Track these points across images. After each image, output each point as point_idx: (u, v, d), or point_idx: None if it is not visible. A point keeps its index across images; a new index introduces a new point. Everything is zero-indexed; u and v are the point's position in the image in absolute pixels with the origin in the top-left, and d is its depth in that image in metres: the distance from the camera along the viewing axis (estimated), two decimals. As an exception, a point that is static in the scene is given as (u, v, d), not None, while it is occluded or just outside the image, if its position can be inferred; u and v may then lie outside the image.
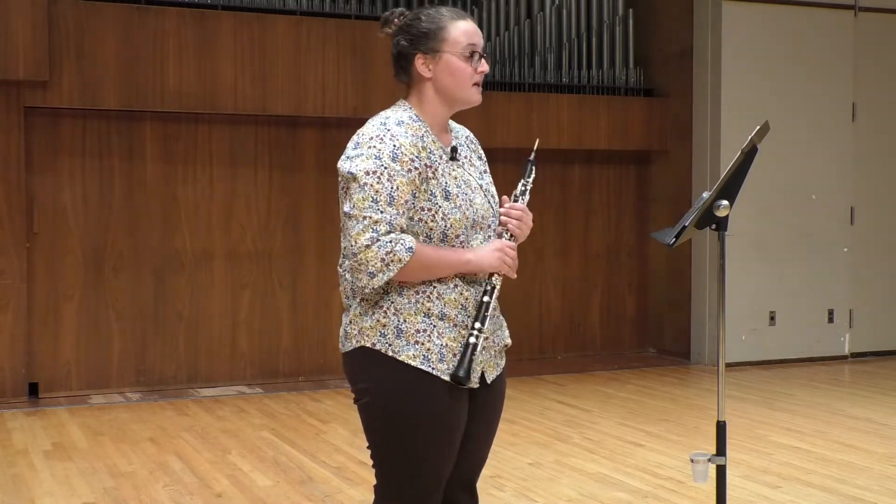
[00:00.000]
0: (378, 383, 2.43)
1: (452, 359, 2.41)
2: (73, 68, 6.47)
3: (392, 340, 2.40)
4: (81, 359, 6.75)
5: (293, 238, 7.28)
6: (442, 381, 2.40)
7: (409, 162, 2.36)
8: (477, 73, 2.48)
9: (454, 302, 2.42)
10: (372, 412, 2.46)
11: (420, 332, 2.40)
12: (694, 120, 8.11)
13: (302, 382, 7.23)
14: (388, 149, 2.36)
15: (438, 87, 2.47)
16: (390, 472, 2.48)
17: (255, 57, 6.88)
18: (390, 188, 2.33)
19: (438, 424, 2.41)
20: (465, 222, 2.43)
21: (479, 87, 2.51)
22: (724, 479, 2.70)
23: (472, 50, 2.46)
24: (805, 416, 6.20)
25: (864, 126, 8.35)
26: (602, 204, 8.50)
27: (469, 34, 2.47)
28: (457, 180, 2.46)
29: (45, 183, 6.67)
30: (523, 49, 8.05)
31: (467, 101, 2.50)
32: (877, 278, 8.47)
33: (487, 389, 2.52)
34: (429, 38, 2.46)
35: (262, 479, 4.77)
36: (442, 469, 2.46)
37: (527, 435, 5.58)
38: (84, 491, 4.55)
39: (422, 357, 2.39)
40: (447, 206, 2.40)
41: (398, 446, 2.44)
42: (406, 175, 2.35)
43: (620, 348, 8.58)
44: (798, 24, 8.07)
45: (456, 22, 2.47)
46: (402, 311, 2.40)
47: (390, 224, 2.32)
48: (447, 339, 2.41)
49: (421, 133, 2.44)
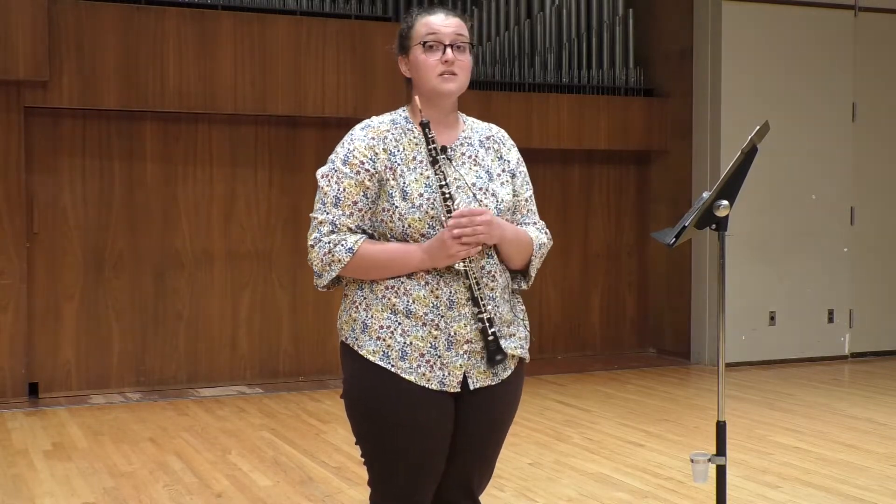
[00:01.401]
0: (349, 378, 2.48)
1: (419, 358, 2.39)
2: (73, 68, 6.47)
3: (358, 335, 2.43)
4: (81, 359, 6.75)
5: (293, 238, 7.28)
6: (403, 379, 2.38)
7: (358, 164, 2.41)
8: (442, 64, 2.43)
9: (423, 299, 2.39)
10: (347, 407, 2.50)
11: (383, 328, 2.40)
12: (694, 120, 8.11)
13: (302, 382, 7.23)
14: (342, 153, 2.45)
15: (416, 85, 2.49)
16: (369, 466, 2.51)
17: (255, 57, 6.88)
18: (337, 190, 2.41)
19: (402, 422, 2.40)
20: (427, 222, 2.39)
21: (448, 76, 2.44)
22: (724, 479, 2.70)
23: (432, 40, 2.43)
24: (805, 416, 6.20)
25: (864, 126, 8.35)
26: (602, 204, 8.50)
27: (430, 25, 2.45)
28: (428, 179, 2.40)
29: (45, 183, 6.67)
30: (523, 49, 8.05)
31: (435, 91, 2.45)
32: (877, 278, 8.47)
33: (475, 396, 2.45)
34: (403, 39, 2.51)
35: (262, 479, 4.77)
36: (416, 467, 2.43)
37: (527, 435, 5.58)
38: (84, 491, 4.55)
39: (381, 353, 2.39)
40: (404, 206, 2.40)
41: (370, 442, 2.47)
42: (354, 177, 2.41)
43: (620, 348, 8.58)
44: (798, 24, 8.07)
45: (423, 17, 2.48)
46: (371, 307, 2.42)
47: (333, 224, 2.40)
48: (412, 338, 2.39)
49: (389, 136, 2.45)
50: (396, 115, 2.52)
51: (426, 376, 2.40)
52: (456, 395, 2.44)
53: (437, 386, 2.40)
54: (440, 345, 2.40)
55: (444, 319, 2.40)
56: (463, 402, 2.45)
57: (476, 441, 2.50)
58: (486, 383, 2.46)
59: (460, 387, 2.43)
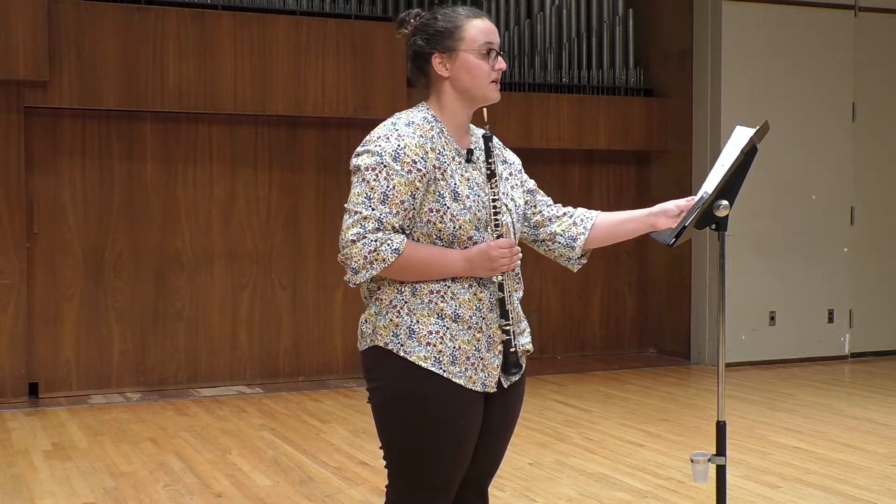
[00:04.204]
0: (389, 383, 2.42)
1: (465, 361, 2.39)
2: (73, 68, 6.47)
3: (404, 341, 2.38)
4: (81, 359, 6.75)
5: (293, 238, 7.28)
6: (454, 383, 2.38)
7: (410, 163, 2.35)
8: (494, 71, 2.47)
9: (468, 303, 2.41)
10: (383, 412, 2.45)
11: (432, 333, 2.38)
12: (694, 120, 8.11)
13: (302, 382, 7.23)
14: (391, 147, 2.36)
15: (456, 86, 2.47)
16: (400, 472, 2.46)
17: (255, 57, 6.88)
18: (386, 186, 2.33)
19: (450, 427, 2.39)
20: (475, 223, 2.40)
21: (497, 85, 2.50)
22: (724, 479, 2.70)
23: (489, 48, 2.46)
24: (805, 416, 6.20)
25: (864, 126, 8.35)
26: (602, 204, 8.48)
27: (486, 32, 2.46)
28: (469, 182, 2.42)
29: (45, 183, 6.67)
30: (523, 49, 8.05)
31: (485, 98, 2.49)
32: (877, 278, 8.47)
33: (503, 394, 2.50)
34: (445, 37, 2.45)
35: (262, 479, 4.77)
36: (452, 472, 2.44)
37: (527, 435, 5.58)
38: (84, 491, 4.55)
39: (433, 359, 2.37)
40: (456, 208, 2.38)
41: (408, 448, 2.42)
42: (405, 175, 2.34)
43: (620, 348, 8.58)
44: (798, 24, 8.07)
45: (472, 20, 2.47)
46: (416, 312, 2.39)
47: (380, 221, 2.32)
48: (461, 342, 2.39)
49: (432, 134, 2.42)
50: (425, 113, 2.47)
51: (472, 379, 2.41)
52: (486, 395, 2.46)
53: (480, 388, 2.43)
54: (482, 347, 2.42)
55: (486, 322, 2.43)
56: (492, 401, 2.48)
57: (498, 437, 2.55)
58: (512, 380, 2.52)
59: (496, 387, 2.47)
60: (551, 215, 2.66)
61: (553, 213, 2.67)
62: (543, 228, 2.65)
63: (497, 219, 2.40)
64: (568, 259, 2.67)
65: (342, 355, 7.36)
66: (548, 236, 2.65)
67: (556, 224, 2.65)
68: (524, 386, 2.60)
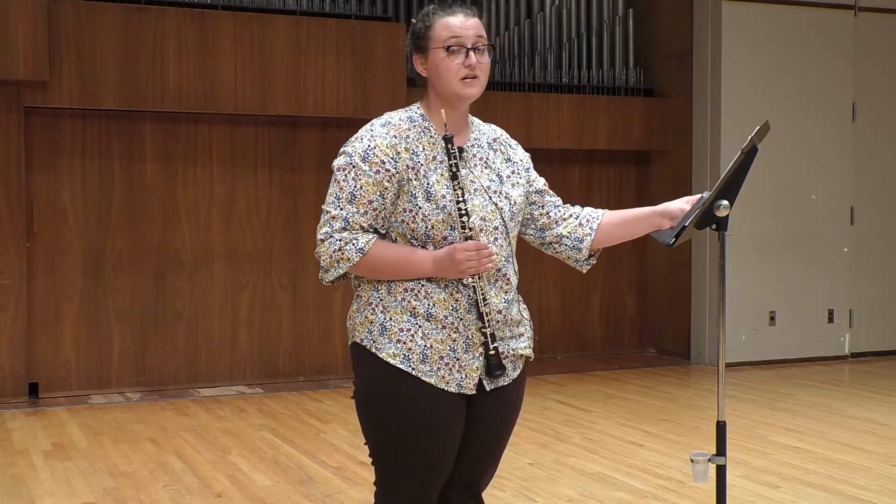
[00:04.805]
0: (364, 380, 2.45)
1: (438, 361, 2.39)
2: (73, 68, 6.47)
3: (376, 337, 2.41)
4: (81, 359, 6.75)
5: (293, 238, 7.28)
6: (424, 382, 2.38)
7: (379, 163, 2.37)
8: (465, 67, 2.42)
9: (443, 302, 2.40)
10: (360, 408, 2.48)
11: (403, 331, 2.39)
12: (694, 120, 8.11)
13: (302, 382, 7.23)
14: (361, 148, 2.39)
15: (432, 84, 2.47)
16: (379, 468, 2.49)
17: (255, 57, 6.88)
18: (354, 186, 2.37)
19: (421, 425, 2.39)
20: (451, 223, 2.38)
21: (470, 80, 2.43)
22: (724, 479, 2.70)
23: (455, 43, 2.41)
24: (805, 416, 6.20)
25: (864, 126, 8.35)
26: (602, 204, 8.44)
27: (451, 27, 2.42)
28: (449, 181, 2.40)
29: (45, 183, 6.67)
30: (523, 49, 8.05)
31: (456, 95, 2.44)
32: (877, 278, 8.47)
33: (488, 397, 2.47)
34: (419, 38, 2.47)
35: (262, 479, 4.77)
36: (430, 470, 2.44)
37: (527, 435, 5.58)
38: (84, 491, 4.55)
39: (402, 356, 2.38)
40: (428, 208, 2.38)
41: (384, 444, 2.45)
42: (373, 176, 2.37)
43: (620, 348, 8.58)
44: (798, 24, 8.07)
45: (442, 17, 2.44)
46: (390, 309, 2.40)
47: (346, 221, 2.36)
48: (433, 341, 2.39)
49: (408, 134, 2.42)
50: (413, 112, 2.48)
51: (445, 379, 2.40)
52: (469, 396, 2.45)
53: (455, 388, 2.41)
54: (458, 347, 2.41)
55: (463, 322, 2.41)
56: (476, 403, 2.47)
57: (487, 441, 2.53)
58: (500, 384, 2.49)
59: (476, 389, 2.44)
60: (557, 217, 2.64)
61: (560, 214, 2.65)
62: (550, 231, 2.64)
63: (462, 221, 2.37)
64: (576, 261, 2.66)
65: (342, 355, 7.36)
66: (554, 239, 2.64)
67: (562, 226, 2.64)
68: (521, 391, 2.57)
